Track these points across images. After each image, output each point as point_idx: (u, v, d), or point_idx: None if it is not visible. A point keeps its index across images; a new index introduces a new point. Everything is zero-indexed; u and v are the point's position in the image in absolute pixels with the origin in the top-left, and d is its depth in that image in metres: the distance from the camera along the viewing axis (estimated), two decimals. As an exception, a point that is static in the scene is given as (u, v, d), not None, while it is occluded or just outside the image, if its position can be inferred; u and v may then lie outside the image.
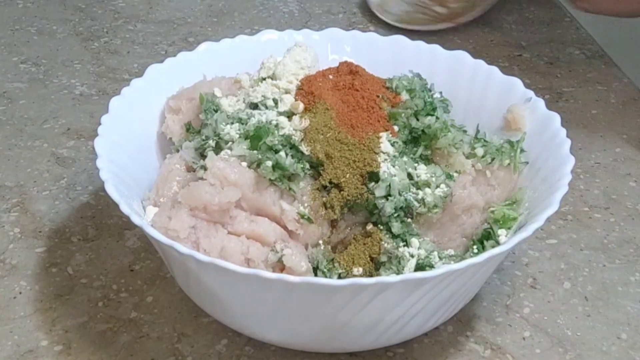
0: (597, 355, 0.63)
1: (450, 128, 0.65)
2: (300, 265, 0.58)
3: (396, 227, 0.60)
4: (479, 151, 0.65)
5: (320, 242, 0.61)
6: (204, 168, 0.60)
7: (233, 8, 1.10)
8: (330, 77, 0.66)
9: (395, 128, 0.64)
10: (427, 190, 0.62)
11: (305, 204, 0.60)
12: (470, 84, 0.72)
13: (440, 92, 0.69)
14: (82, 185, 0.78)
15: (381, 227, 0.61)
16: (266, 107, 0.64)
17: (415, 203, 0.61)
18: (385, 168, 0.61)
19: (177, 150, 0.65)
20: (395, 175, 0.61)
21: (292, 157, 0.60)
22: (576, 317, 0.66)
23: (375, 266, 0.60)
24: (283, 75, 0.66)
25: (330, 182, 0.60)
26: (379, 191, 0.60)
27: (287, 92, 0.65)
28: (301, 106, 0.63)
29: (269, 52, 0.69)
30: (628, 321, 0.65)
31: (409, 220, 0.61)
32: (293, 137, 0.61)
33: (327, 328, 0.56)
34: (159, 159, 0.68)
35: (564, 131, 0.65)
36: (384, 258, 0.60)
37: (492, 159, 0.66)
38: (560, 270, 0.70)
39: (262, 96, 0.65)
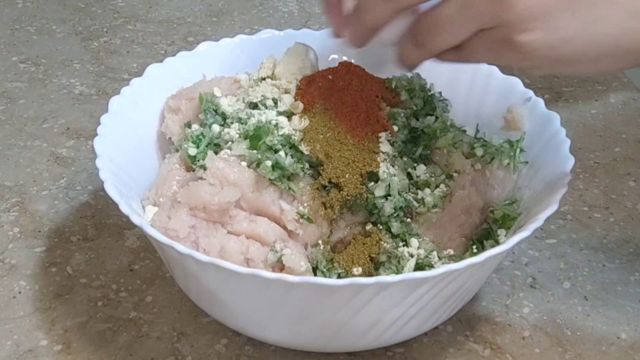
0: (597, 355, 0.62)
1: (450, 128, 0.65)
2: (300, 265, 0.58)
3: (395, 227, 0.60)
4: (479, 151, 0.65)
5: (320, 242, 0.61)
6: (204, 168, 0.60)
7: (232, 8, 1.10)
8: (330, 77, 0.66)
9: (395, 128, 0.64)
10: (427, 190, 0.62)
11: (305, 204, 0.60)
12: (470, 84, 0.72)
13: (440, 92, 0.69)
14: (82, 184, 0.78)
15: (380, 227, 0.61)
16: (266, 107, 0.64)
17: (415, 203, 0.61)
18: (384, 168, 0.61)
19: (177, 150, 0.65)
20: (394, 175, 0.61)
21: (292, 156, 0.60)
22: (576, 316, 0.66)
23: (374, 266, 0.60)
24: (283, 75, 0.66)
25: (330, 182, 0.60)
26: (379, 191, 0.60)
27: (286, 92, 0.65)
28: (301, 106, 0.63)
29: (269, 52, 0.69)
30: (627, 321, 0.65)
31: (409, 220, 0.61)
32: (292, 136, 0.61)
33: (327, 328, 0.56)
34: (159, 158, 0.68)
35: (563, 131, 0.65)
36: (383, 258, 0.60)
37: (492, 159, 0.66)
38: (560, 270, 0.70)
39: (262, 96, 0.65)
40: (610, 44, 0.50)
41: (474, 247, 0.63)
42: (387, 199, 0.60)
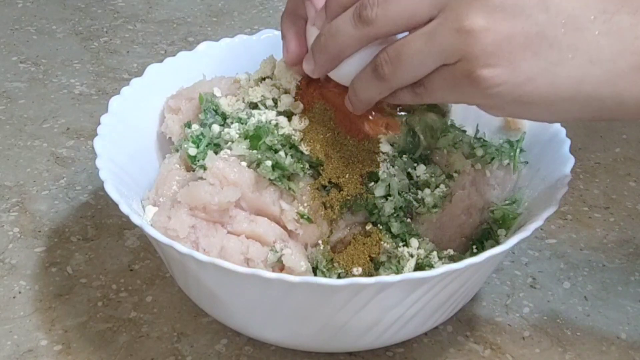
0: (597, 355, 0.62)
1: (450, 128, 0.65)
2: (300, 265, 0.58)
3: (395, 227, 0.60)
4: (479, 151, 0.65)
5: (320, 242, 0.61)
6: (204, 168, 0.60)
7: (232, 8, 1.10)
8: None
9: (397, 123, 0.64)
10: (427, 190, 0.62)
11: (305, 204, 0.60)
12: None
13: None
14: (82, 184, 0.78)
15: (380, 227, 0.61)
16: (265, 107, 0.64)
17: (415, 203, 0.61)
18: (384, 168, 0.61)
19: (177, 150, 0.65)
20: (394, 175, 0.61)
21: (292, 156, 0.60)
22: (576, 316, 0.66)
23: (374, 266, 0.60)
24: (282, 75, 0.66)
25: (330, 182, 0.60)
26: (379, 191, 0.60)
27: (286, 92, 0.65)
28: (301, 106, 0.63)
29: (269, 52, 0.69)
30: (628, 321, 0.65)
31: (409, 220, 0.61)
32: (292, 136, 0.61)
33: (327, 328, 0.56)
34: (159, 158, 0.68)
35: (563, 131, 0.65)
36: (383, 258, 0.60)
37: (492, 159, 0.66)
38: (560, 270, 0.70)
39: (262, 96, 0.65)
40: (571, 87, 0.50)
41: (474, 247, 0.63)
42: (387, 199, 0.60)
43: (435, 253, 0.60)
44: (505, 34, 0.49)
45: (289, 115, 0.63)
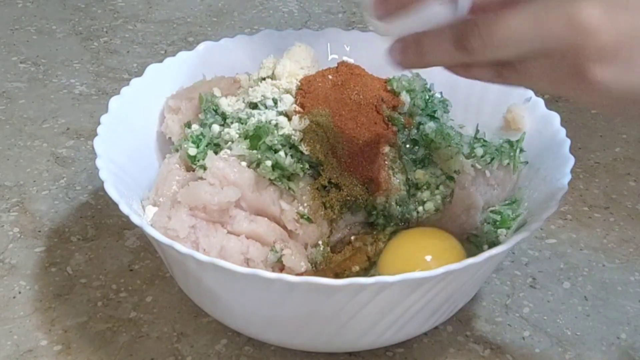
0: (597, 355, 0.62)
1: (450, 137, 0.65)
2: (300, 265, 0.58)
3: (395, 227, 0.60)
4: (479, 151, 0.65)
5: (320, 242, 0.61)
6: (204, 168, 0.60)
7: (233, 8, 1.10)
8: (330, 77, 0.66)
9: (394, 129, 0.64)
10: (426, 192, 0.62)
11: (305, 204, 0.60)
12: (470, 84, 0.71)
13: (441, 93, 0.69)
14: (82, 184, 0.78)
15: (379, 227, 0.61)
16: (266, 107, 0.64)
17: (414, 213, 0.61)
18: (384, 174, 0.61)
19: (177, 150, 0.65)
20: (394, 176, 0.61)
21: (292, 156, 0.60)
22: (576, 316, 0.66)
23: (371, 265, 0.60)
24: (282, 75, 0.66)
25: (330, 182, 0.60)
26: (378, 200, 0.60)
27: (286, 92, 0.65)
28: (299, 109, 0.63)
29: (269, 52, 0.69)
30: (628, 321, 0.65)
31: (407, 224, 0.61)
32: (292, 137, 0.61)
33: (327, 328, 0.56)
34: (159, 158, 0.68)
35: (563, 131, 0.65)
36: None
37: (492, 159, 0.66)
38: (560, 270, 0.70)
39: (262, 96, 0.65)
40: None
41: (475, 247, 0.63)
42: (386, 201, 0.60)
43: (435, 253, 0.60)
44: (625, 30, 0.43)
45: (289, 115, 0.63)
